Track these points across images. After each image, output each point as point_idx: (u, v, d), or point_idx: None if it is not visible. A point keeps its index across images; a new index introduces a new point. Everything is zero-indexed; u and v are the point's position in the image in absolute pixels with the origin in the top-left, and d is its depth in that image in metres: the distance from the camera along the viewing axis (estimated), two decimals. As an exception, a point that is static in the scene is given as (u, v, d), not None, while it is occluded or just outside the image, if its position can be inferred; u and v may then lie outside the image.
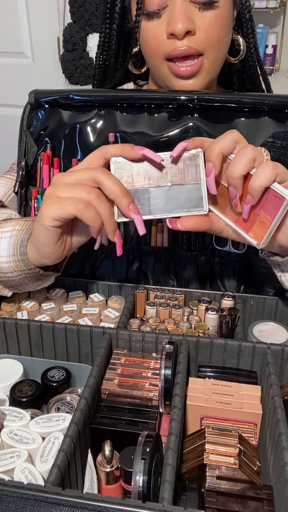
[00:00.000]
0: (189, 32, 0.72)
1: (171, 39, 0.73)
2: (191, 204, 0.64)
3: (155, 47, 0.76)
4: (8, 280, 0.72)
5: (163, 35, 0.74)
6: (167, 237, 0.83)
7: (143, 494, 0.45)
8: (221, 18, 0.74)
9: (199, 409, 0.59)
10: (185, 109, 0.78)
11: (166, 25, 0.73)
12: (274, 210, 0.60)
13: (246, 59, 0.85)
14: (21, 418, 0.57)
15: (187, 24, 0.71)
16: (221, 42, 0.76)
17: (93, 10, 2.17)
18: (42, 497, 0.43)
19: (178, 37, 0.72)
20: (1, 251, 0.70)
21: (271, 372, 0.59)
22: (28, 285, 0.72)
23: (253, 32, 0.83)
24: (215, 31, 0.74)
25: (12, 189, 0.88)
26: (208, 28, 0.73)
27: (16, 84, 2.48)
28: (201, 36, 0.73)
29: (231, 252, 0.81)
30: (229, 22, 0.77)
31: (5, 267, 0.70)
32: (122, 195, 0.61)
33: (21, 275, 0.70)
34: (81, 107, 0.82)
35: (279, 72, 2.31)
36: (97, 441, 0.54)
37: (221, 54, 0.78)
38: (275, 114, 0.78)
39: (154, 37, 0.75)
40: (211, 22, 0.73)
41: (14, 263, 0.69)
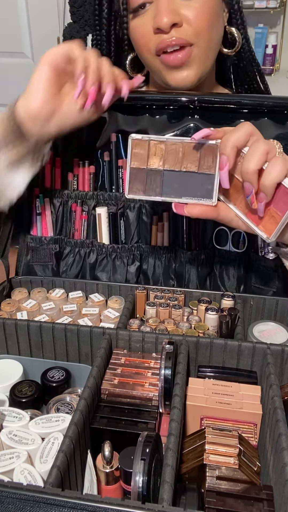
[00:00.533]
0: (175, 24, 0.72)
1: (157, 33, 0.73)
2: (201, 193, 0.64)
3: (145, 44, 0.76)
4: None
5: (150, 31, 0.74)
6: (167, 236, 0.83)
7: (143, 495, 0.45)
8: (208, 6, 0.73)
9: (199, 409, 0.59)
10: (186, 110, 0.78)
11: (152, 20, 0.73)
12: (285, 205, 0.60)
13: (239, 50, 0.85)
14: (21, 419, 0.57)
15: (171, 17, 0.71)
16: (210, 30, 0.75)
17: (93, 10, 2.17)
18: (41, 498, 0.43)
19: (164, 31, 0.72)
20: None
21: (271, 372, 0.59)
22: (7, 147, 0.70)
23: (243, 23, 0.82)
24: (203, 19, 0.73)
25: None
26: (195, 17, 0.72)
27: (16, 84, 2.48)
28: (188, 26, 0.73)
29: (231, 251, 0.81)
30: (217, 10, 0.76)
31: None
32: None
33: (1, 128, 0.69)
34: (81, 107, 0.82)
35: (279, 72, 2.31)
36: (97, 442, 0.54)
37: (212, 43, 0.77)
38: (274, 115, 0.78)
39: (142, 35, 0.75)
40: (198, 11, 0.73)
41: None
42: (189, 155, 0.64)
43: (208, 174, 0.64)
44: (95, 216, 0.83)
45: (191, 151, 0.63)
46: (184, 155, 0.64)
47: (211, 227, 0.81)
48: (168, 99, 0.78)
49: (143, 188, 0.66)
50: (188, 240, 0.82)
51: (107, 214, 0.82)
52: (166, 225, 0.82)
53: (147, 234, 0.83)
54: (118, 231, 0.83)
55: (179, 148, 0.64)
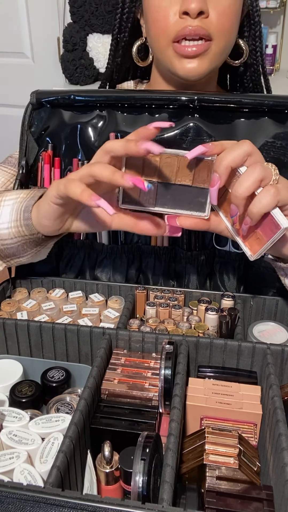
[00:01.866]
0: (202, 13, 0.71)
1: (183, 18, 0.72)
2: (194, 206, 0.64)
3: (164, 27, 0.74)
4: (5, 248, 0.71)
5: (175, 15, 0.73)
6: (167, 236, 0.83)
7: (143, 495, 0.45)
8: (234, 7, 0.74)
9: (198, 409, 0.59)
10: (185, 110, 0.78)
11: (178, 4, 0.72)
12: (270, 232, 0.61)
13: (252, 63, 0.84)
14: (21, 419, 0.57)
15: (201, 4, 0.70)
16: (231, 31, 0.75)
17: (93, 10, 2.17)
18: (41, 498, 0.43)
19: (191, 15, 0.71)
20: (3, 218, 0.70)
21: (271, 373, 0.59)
22: (26, 252, 0.72)
23: (260, 36, 0.82)
24: (228, 18, 0.73)
25: (7, 182, 0.88)
26: (222, 13, 0.72)
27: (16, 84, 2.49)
28: (213, 20, 0.72)
29: (231, 252, 0.81)
30: (239, 15, 0.77)
31: (5, 233, 0.70)
32: (113, 172, 0.60)
33: (21, 241, 0.70)
34: (82, 107, 0.82)
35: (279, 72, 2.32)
36: (97, 441, 0.54)
37: (228, 45, 0.77)
38: (275, 115, 0.78)
39: (164, 16, 0.74)
40: (226, 9, 0.72)
41: (15, 228, 0.70)
42: (184, 169, 0.63)
43: (202, 188, 0.64)
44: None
45: (186, 165, 0.63)
46: (178, 169, 0.63)
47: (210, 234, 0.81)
48: (168, 98, 0.78)
49: (136, 199, 0.65)
50: (188, 241, 0.81)
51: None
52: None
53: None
54: (118, 231, 0.83)
55: (174, 161, 0.63)
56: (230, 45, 0.78)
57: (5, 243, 0.71)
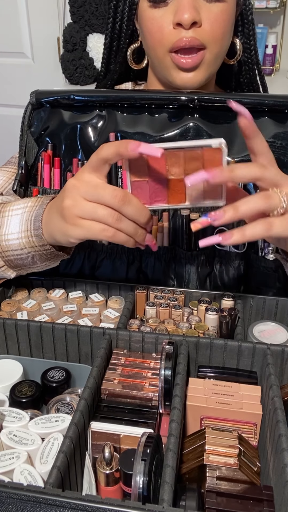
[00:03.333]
0: (195, 23, 0.72)
1: (176, 29, 0.73)
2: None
3: (160, 38, 0.75)
4: (15, 258, 0.71)
5: (169, 26, 0.74)
6: (167, 236, 0.83)
7: (143, 496, 0.45)
8: (226, 13, 0.74)
9: (199, 410, 0.59)
10: (185, 110, 0.78)
11: (172, 15, 0.73)
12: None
13: (246, 61, 0.85)
14: (21, 419, 0.57)
15: (194, 14, 0.71)
16: (224, 37, 0.76)
17: (93, 10, 2.17)
18: (41, 498, 0.43)
19: (184, 27, 0.72)
20: (12, 228, 0.70)
21: (271, 373, 0.59)
22: (35, 264, 0.72)
23: (254, 35, 0.83)
24: (220, 26, 0.74)
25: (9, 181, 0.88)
26: (214, 21, 0.73)
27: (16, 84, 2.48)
28: (206, 29, 0.73)
29: (231, 252, 0.81)
30: (233, 19, 0.78)
31: (15, 243, 0.70)
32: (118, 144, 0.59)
33: (31, 252, 0.70)
34: (82, 107, 0.82)
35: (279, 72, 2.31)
36: (97, 442, 0.54)
37: (222, 50, 0.78)
38: (275, 114, 0.78)
39: (159, 28, 0.75)
40: (217, 16, 0.73)
41: (26, 239, 0.69)
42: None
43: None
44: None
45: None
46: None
47: (211, 227, 0.81)
48: (168, 98, 0.78)
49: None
50: (188, 241, 0.81)
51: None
52: (165, 225, 0.82)
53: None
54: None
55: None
56: (224, 49, 0.79)
57: (15, 253, 0.71)
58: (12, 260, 0.71)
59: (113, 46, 0.86)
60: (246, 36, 0.83)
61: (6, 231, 0.71)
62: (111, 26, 0.83)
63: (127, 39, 0.84)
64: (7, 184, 0.88)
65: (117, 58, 0.86)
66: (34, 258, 0.71)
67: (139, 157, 0.60)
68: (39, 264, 0.73)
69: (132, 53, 0.85)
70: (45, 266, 0.74)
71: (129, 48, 0.85)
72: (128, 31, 0.83)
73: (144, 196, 0.64)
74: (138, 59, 0.87)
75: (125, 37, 0.84)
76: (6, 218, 0.71)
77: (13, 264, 0.72)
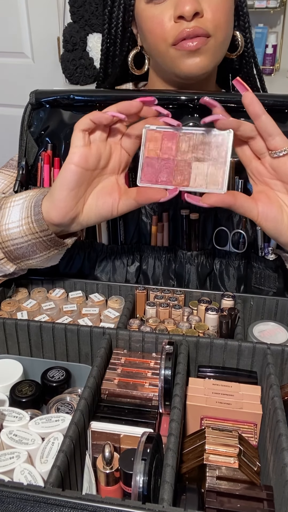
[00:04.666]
0: (197, 14, 0.71)
1: (178, 22, 0.72)
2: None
3: (161, 34, 0.74)
4: (15, 248, 0.71)
5: (170, 20, 0.73)
6: (167, 236, 0.83)
7: (143, 495, 0.45)
8: (227, 2, 0.74)
9: (199, 409, 0.59)
10: (185, 109, 0.78)
11: (172, 10, 0.73)
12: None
13: (243, 54, 0.85)
14: (21, 419, 0.57)
15: (195, 5, 0.70)
16: (227, 26, 0.76)
17: (93, 10, 2.17)
18: (42, 498, 0.43)
19: (186, 19, 0.71)
20: (13, 217, 0.70)
21: (271, 373, 0.59)
22: (35, 254, 0.71)
23: (249, 27, 0.83)
24: (222, 14, 0.74)
25: (10, 185, 0.88)
26: (216, 10, 0.73)
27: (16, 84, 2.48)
28: (208, 18, 0.73)
29: (231, 252, 0.81)
30: (233, 8, 0.78)
31: (15, 232, 0.70)
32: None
33: (32, 239, 0.70)
34: (82, 107, 0.82)
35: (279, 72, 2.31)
36: (97, 442, 0.54)
37: (226, 38, 0.78)
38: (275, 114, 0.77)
39: (159, 24, 0.74)
40: (219, 5, 0.73)
41: (27, 225, 0.69)
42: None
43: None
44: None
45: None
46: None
47: (211, 228, 0.81)
48: (168, 98, 0.78)
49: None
50: (188, 241, 0.81)
51: (107, 214, 0.82)
52: (165, 225, 0.82)
53: (146, 234, 0.83)
54: (117, 231, 0.83)
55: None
56: (228, 38, 0.79)
57: (15, 242, 0.70)
58: (12, 250, 0.71)
59: (110, 51, 0.86)
60: (242, 28, 0.83)
61: (7, 221, 0.71)
62: (107, 32, 0.84)
63: (124, 44, 0.84)
64: (8, 189, 0.88)
65: (115, 62, 0.87)
66: (34, 247, 0.70)
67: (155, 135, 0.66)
68: (39, 253, 0.71)
69: (133, 59, 0.85)
70: (45, 258, 0.73)
71: (129, 54, 0.85)
72: (124, 36, 0.83)
73: (152, 174, 0.67)
74: (139, 64, 0.87)
75: (121, 42, 0.84)
76: (7, 209, 0.72)
77: (13, 256, 0.72)
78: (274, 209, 0.65)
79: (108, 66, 0.88)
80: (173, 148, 0.66)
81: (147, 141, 0.67)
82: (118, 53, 0.85)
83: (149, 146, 0.67)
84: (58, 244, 0.71)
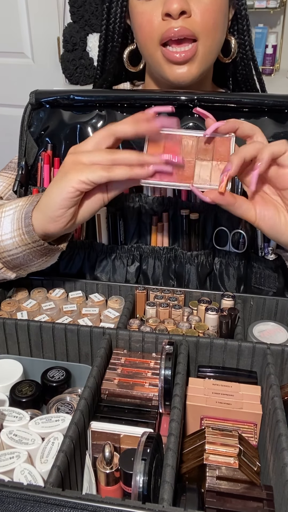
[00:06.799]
0: (184, 13, 0.72)
1: (166, 20, 0.73)
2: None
3: (150, 31, 0.75)
4: (12, 259, 0.71)
5: (158, 18, 0.74)
6: (166, 237, 0.83)
7: (143, 495, 0.45)
8: (217, 4, 0.74)
9: (199, 409, 0.59)
10: (185, 109, 0.78)
11: (161, 7, 0.73)
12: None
13: (241, 58, 0.85)
14: (21, 419, 0.57)
15: (182, 4, 0.71)
16: (216, 29, 0.75)
17: (93, 10, 2.17)
18: (42, 498, 0.43)
19: (173, 17, 0.71)
20: (5, 228, 0.70)
21: (271, 373, 0.59)
22: (32, 262, 0.72)
23: (249, 31, 0.83)
24: (211, 16, 0.73)
25: (9, 187, 0.88)
26: (204, 11, 0.73)
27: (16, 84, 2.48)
28: (196, 19, 0.73)
29: (231, 252, 0.81)
30: (225, 11, 0.77)
31: (9, 243, 0.70)
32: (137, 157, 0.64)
33: (26, 250, 0.70)
34: (82, 107, 0.82)
35: (279, 72, 2.31)
36: (97, 442, 0.54)
37: (215, 44, 0.77)
38: (274, 114, 0.78)
39: (148, 21, 0.75)
40: (207, 6, 0.73)
41: (19, 237, 0.69)
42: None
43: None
44: (94, 217, 0.83)
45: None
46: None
47: (211, 228, 0.81)
48: (167, 98, 0.78)
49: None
50: (188, 241, 0.81)
51: (107, 215, 0.82)
52: (165, 225, 0.82)
53: (146, 234, 0.83)
54: (117, 231, 0.83)
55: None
56: (217, 43, 0.78)
57: (10, 253, 0.71)
58: (9, 260, 0.72)
59: (107, 47, 0.86)
60: (240, 32, 0.83)
61: (0, 233, 0.71)
62: (105, 28, 0.84)
63: (120, 40, 0.84)
64: (7, 191, 0.88)
65: (112, 59, 0.87)
66: (30, 256, 0.71)
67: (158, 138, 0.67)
68: (36, 261, 0.72)
69: (128, 56, 0.85)
70: (43, 262, 0.73)
71: (125, 50, 0.85)
72: (121, 31, 0.83)
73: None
74: (135, 61, 0.87)
75: (117, 38, 0.84)
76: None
77: (11, 265, 0.72)
78: (270, 209, 0.65)
79: (106, 62, 0.88)
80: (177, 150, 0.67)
81: (149, 143, 0.67)
82: (115, 48, 0.85)
83: (151, 148, 0.67)
84: (52, 250, 0.72)
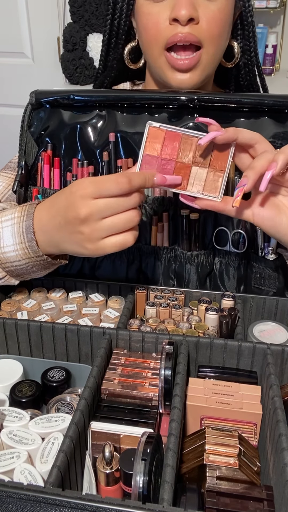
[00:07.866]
0: (192, 20, 0.72)
1: (173, 25, 0.73)
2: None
3: (155, 34, 0.75)
4: (15, 269, 0.72)
5: (165, 21, 0.73)
6: (167, 236, 0.83)
7: (143, 495, 0.45)
8: (224, 12, 0.74)
9: (199, 409, 0.59)
10: (185, 110, 0.78)
11: (169, 11, 0.73)
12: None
13: (246, 63, 0.85)
14: (21, 419, 0.57)
15: (191, 10, 0.71)
16: (221, 37, 0.76)
17: (93, 10, 2.17)
18: (42, 498, 0.43)
19: (181, 23, 0.71)
20: (6, 240, 0.71)
21: (271, 373, 0.59)
22: (35, 272, 0.74)
23: (254, 37, 0.83)
24: (217, 24, 0.74)
25: (9, 187, 0.88)
26: (211, 19, 0.73)
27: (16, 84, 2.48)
28: (203, 26, 0.73)
29: (231, 252, 0.81)
30: (230, 20, 0.77)
31: (12, 255, 0.71)
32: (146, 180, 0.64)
33: (29, 262, 0.71)
34: (82, 107, 0.82)
35: (279, 72, 2.31)
36: (97, 442, 0.54)
37: (219, 50, 0.78)
38: (274, 114, 0.78)
39: (155, 23, 0.74)
40: (215, 14, 0.73)
41: (22, 250, 0.70)
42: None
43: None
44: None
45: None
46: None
47: (211, 228, 0.81)
48: (168, 98, 0.78)
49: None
50: (188, 241, 0.81)
51: (107, 214, 0.82)
52: (165, 225, 0.82)
53: (146, 234, 0.83)
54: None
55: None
56: (220, 50, 0.79)
57: (14, 264, 0.72)
58: (12, 270, 0.73)
59: (111, 43, 0.86)
60: (245, 38, 0.83)
61: (2, 244, 0.72)
62: (110, 23, 0.84)
63: (124, 36, 0.84)
64: (6, 191, 0.88)
65: (115, 55, 0.86)
66: (34, 267, 0.73)
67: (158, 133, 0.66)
68: (39, 272, 0.74)
69: (129, 52, 0.85)
70: (45, 273, 0.76)
71: (126, 46, 0.85)
72: (125, 27, 0.83)
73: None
74: (135, 58, 0.87)
75: (122, 34, 0.84)
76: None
77: (15, 274, 0.74)
78: (270, 210, 0.65)
79: (108, 58, 0.88)
80: (175, 149, 0.66)
81: (148, 138, 0.66)
82: (119, 44, 0.85)
83: (149, 144, 0.66)
84: (55, 264, 0.74)
